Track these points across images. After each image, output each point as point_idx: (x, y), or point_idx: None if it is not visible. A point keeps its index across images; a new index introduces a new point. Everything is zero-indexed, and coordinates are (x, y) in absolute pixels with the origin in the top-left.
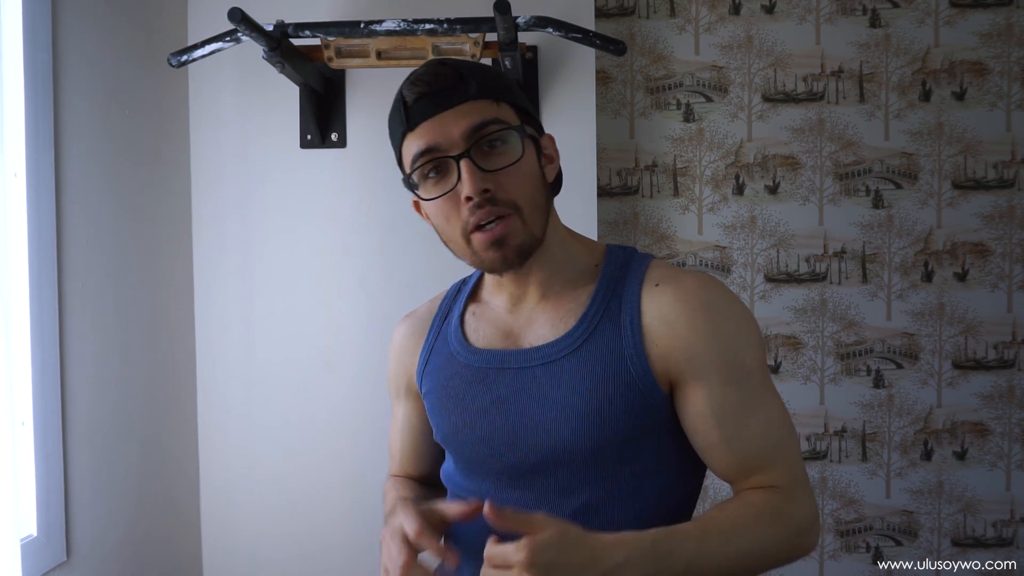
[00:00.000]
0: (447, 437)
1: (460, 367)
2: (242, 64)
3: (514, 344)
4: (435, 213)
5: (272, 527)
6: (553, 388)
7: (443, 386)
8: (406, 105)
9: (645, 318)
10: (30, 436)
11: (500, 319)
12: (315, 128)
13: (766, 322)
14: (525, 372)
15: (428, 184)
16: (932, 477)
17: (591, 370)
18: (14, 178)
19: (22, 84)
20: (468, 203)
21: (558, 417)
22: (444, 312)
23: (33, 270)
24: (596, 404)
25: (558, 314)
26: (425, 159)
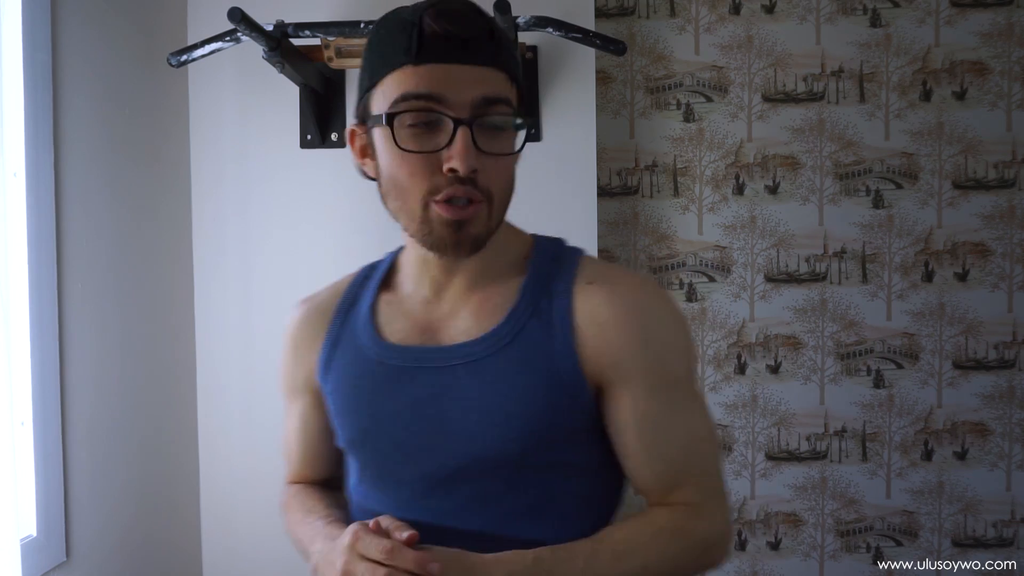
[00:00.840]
0: (353, 442)
1: (371, 364)
2: (242, 64)
3: (432, 340)
4: (399, 165)
5: (272, 527)
6: (476, 389)
7: (351, 385)
8: (421, 32)
9: (577, 317)
10: (30, 436)
11: (417, 311)
12: (315, 128)
13: (766, 322)
14: (445, 371)
15: (408, 132)
16: (932, 477)
17: (518, 370)
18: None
19: (22, 84)
20: (451, 174)
21: (481, 420)
22: (350, 299)
23: (33, 270)
24: (523, 406)
25: (483, 308)
26: (421, 104)
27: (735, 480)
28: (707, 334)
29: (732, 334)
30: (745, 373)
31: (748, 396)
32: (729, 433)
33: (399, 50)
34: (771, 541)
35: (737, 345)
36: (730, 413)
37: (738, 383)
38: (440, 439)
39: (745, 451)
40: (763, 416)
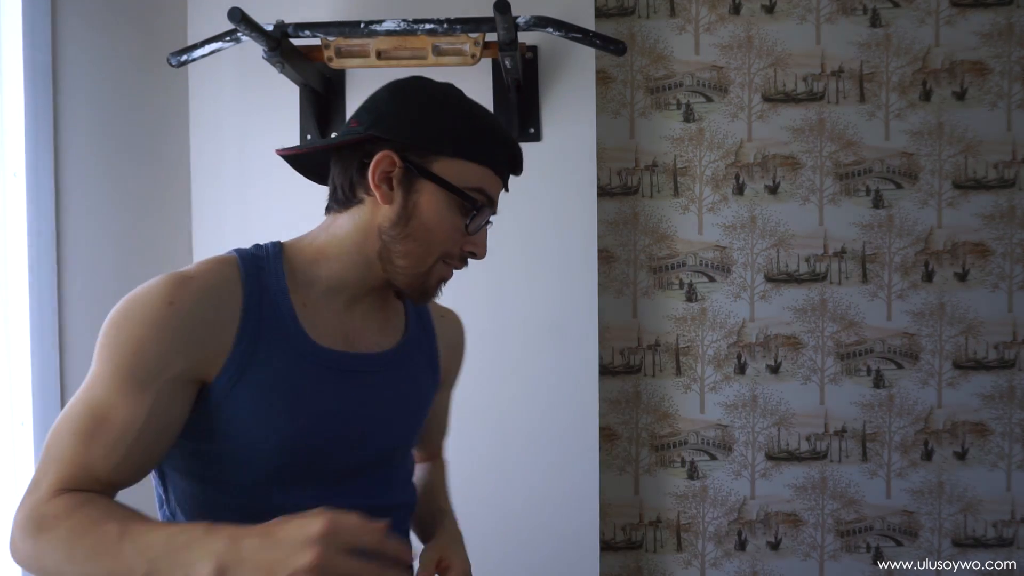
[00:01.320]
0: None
1: (308, 365)
2: (242, 64)
3: (352, 347)
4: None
5: None
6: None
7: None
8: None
9: (439, 340)
10: (30, 436)
11: (335, 319)
12: (315, 128)
13: (766, 322)
14: (371, 376)
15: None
16: (932, 477)
17: (417, 375)
18: (14, 178)
19: (22, 84)
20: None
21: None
22: (255, 293)
23: (33, 270)
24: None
25: (386, 323)
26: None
27: (735, 480)
28: (707, 334)
29: (732, 334)
30: (745, 373)
31: (748, 396)
32: (729, 433)
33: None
34: (771, 541)
35: (737, 345)
36: (730, 413)
37: (738, 383)
38: (370, 432)
39: (745, 451)
40: (763, 416)
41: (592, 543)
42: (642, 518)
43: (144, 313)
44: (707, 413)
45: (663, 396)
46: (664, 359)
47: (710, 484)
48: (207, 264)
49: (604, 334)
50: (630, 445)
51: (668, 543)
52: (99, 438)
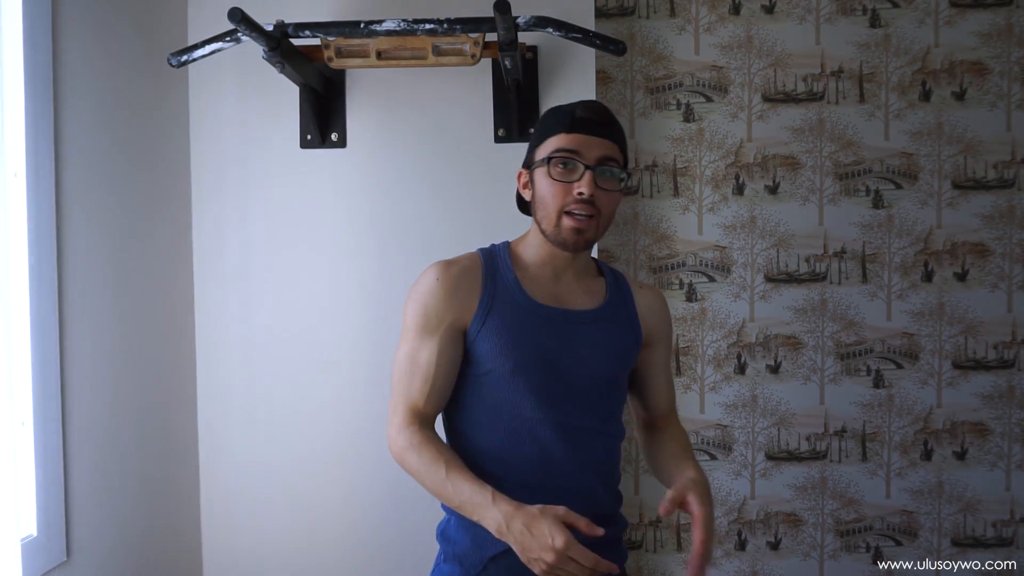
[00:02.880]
0: (518, 367)
1: (528, 314)
2: (242, 64)
3: (564, 305)
4: (548, 187)
5: (272, 526)
6: (596, 336)
7: (517, 325)
8: (574, 116)
9: (638, 306)
10: (30, 436)
11: (548, 286)
12: (315, 128)
13: (766, 322)
14: (581, 325)
15: (557, 169)
16: (932, 477)
17: (616, 328)
18: (14, 178)
19: (22, 84)
20: (579, 195)
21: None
22: (491, 271)
23: (33, 270)
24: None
25: (589, 292)
26: (566, 155)
27: (735, 480)
28: (707, 334)
29: (732, 334)
30: (745, 373)
31: (748, 396)
32: (729, 433)
33: (559, 124)
34: (771, 541)
35: (737, 345)
36: (730, 413)
37: (738, 383)
38: (578, 363)
39: (745, 451)
40: (763, 416)
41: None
42: (642, 518)
43: (424, 287)
44: (707, 413)
45: None
46: None
47: (710, 484)
48: (460, 256)
49: None
50: (630, 445)
51: (668, 543)
52: (416, 374)
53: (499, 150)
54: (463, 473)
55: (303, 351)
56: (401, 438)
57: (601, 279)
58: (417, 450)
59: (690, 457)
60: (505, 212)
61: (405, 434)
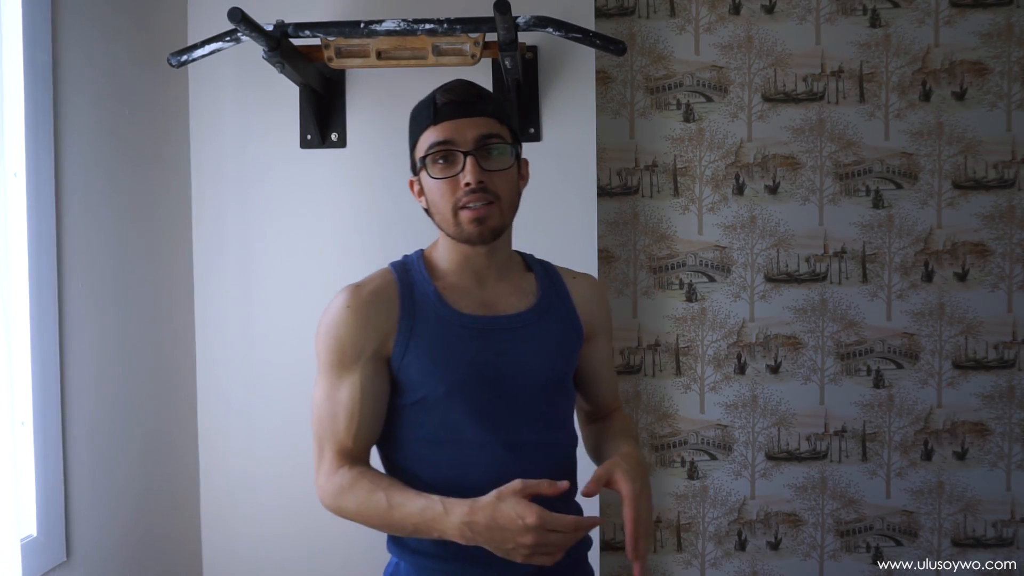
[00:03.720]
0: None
1: (457, 329)
2: (242, 64)
3: (493, 311)
4: (434, 189)
5: (272, 527)
6: (534, 340)
7: (443, 346)
8: (435, 105)
9: (574, 298)
10: (30, 436)
11: (471, 293)
12: (315, 128)
13: (766, 322)
14: (514, 331)
15: (436, 167)
16: (932, 477)
17: (554, 327)
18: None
19: (22, 84)
20: (467, 187)
21: (540, 358)
22: (407, 287)
23: (33, 270)
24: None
25: (518, 292)
26: (440, 148)
27: (735, 480)
28: (707, 334)
29: (732, 334)
30: (745, 373)
31: (748, 396)
32: (729, 433)
33: (425, 119)
34: (771, 541)
35: (737, 345)
36: (730, 413)
37: (738, 383)
38: (519, 374)
39: (745, 451)
40: (763, 416)
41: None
42: None
43: (333, 318)
44: (707, 413)
45: (663, 396)
46: (664, 359)
47: (710, 484)
48: (371, 275)
49: None
50: None
51: (668, 543)
52: (338, 415)
53: None
54: (406, 493)
55: (303, 351)
56: (331, 484)
57: (530, 274)
58: (351, 490)
59: (628, 435)
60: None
61: (335, 479)
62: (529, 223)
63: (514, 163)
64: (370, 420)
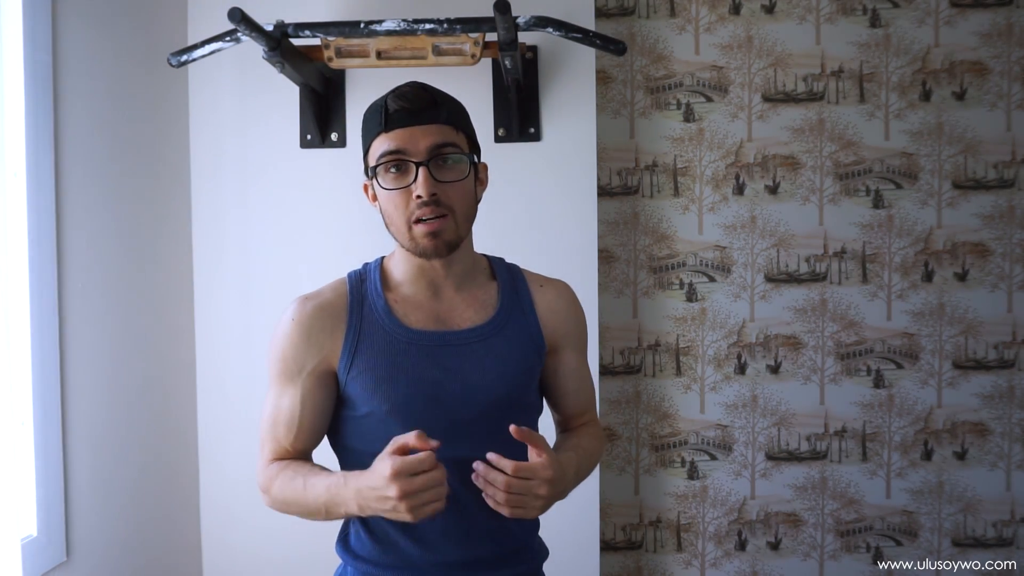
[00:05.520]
0: (396, 407)
1: (403, 345)
2: (242, 64)
3: (445, 326)
4: (387, 200)
5: (272, 526)
6: (487, 357)
7: (389, 362)
8: (387, 111)
9: (538, 308)
10: (30, 436)
11: (425, 306)
12: (315, 128)
13: (766, 322)
14: (463, 346)
15: (388, 176)
16: (932, 477)
17: (511, 342)
18: (14, 178)
19: (22, 84)
20: (418, 200)
21: (493, 376)
22: (357, 300)
23: (33, 270)
24: (516, 365)
25: (476, 304)
26: (392, 157)
27: (735, 480)
28: (707, 334)
29: (732, 334)
30: (745, 373)
31: (748, 396)
32: (729, 433)
33: (376, 124)
34: (771, 541)
35: (737, 345)
36: (730, 413)
37: (738, 383)
38: (468, 394)
39: (745, 451)
40: (763, 416)
41: (592, 543)
42: (642, 518)
43: (280, 330)
44: (707, 413)
45: (663, 396)
46: (664, 359)
47: (710, 484)
48: (325, 287)
49: (604, 334)
50: (630, 445)
51: (668, 543)
52: (280, 422)
53: (499, 150)
54: (319, 475)
55: None
56: (263, 477)
57: (493, 284)
58: (277, 478)
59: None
60: (505, 212)
61: (267, 472)
62: (529, 223)
63: (470, 172)
64: (309, 429)
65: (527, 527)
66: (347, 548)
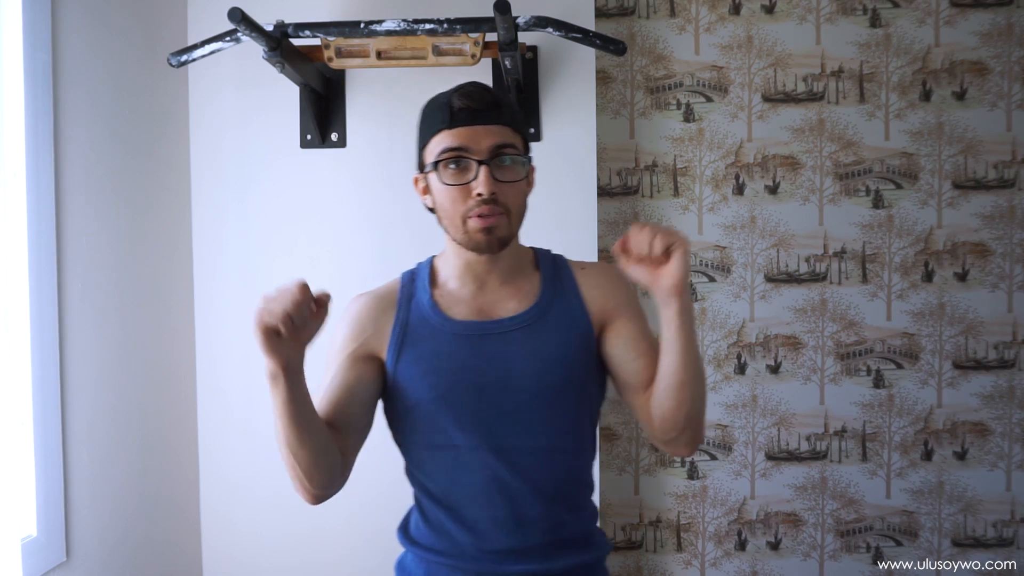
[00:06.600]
0: (441, 396)
1: (446, 336)
2: (242, 64)
3: (487, 317)
4: (444, 194)
5: (272, 526)
6: (529, 345)
7: (433, 352)
8: (452, 109)
9: (582, 289)
10: (30, 436)
11: (469, 300)
12: (315, 128)
13: (766, 322)
14: (505, 335)
15: (448, 172)
16: (932, 477)
17: (553, 330)
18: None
19: (22, 84)
20: (478, 197)
21: (535, 364)
22: (407, 296)
23: (33, 270)
24: (560, 352)
25: (519, 295)
26: (454, 154)
27: (735, 480)
28: (707, 334)
29: (732, 334)
30: (745, 373)
31: (748, 396)
32: (729, 433)
33: (439, 120)
34: (771, 541)
35: (737, 345)
36: (730, 413)
37: (738, 383)
38: (510, 380)
39: (745, 451)
40: (763, 416)
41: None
42: (642, 518)
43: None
44: (707, 413)
45: None
46: None
47: (710, 484)
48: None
49: None
50: (630, 445)
51: (668, 543)
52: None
53: None
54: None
55: None
56: None
57: (537, 274)
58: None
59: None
60: None
61: None
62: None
63: (526, 175)
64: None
65: (582, 518)
66: (407, 535)
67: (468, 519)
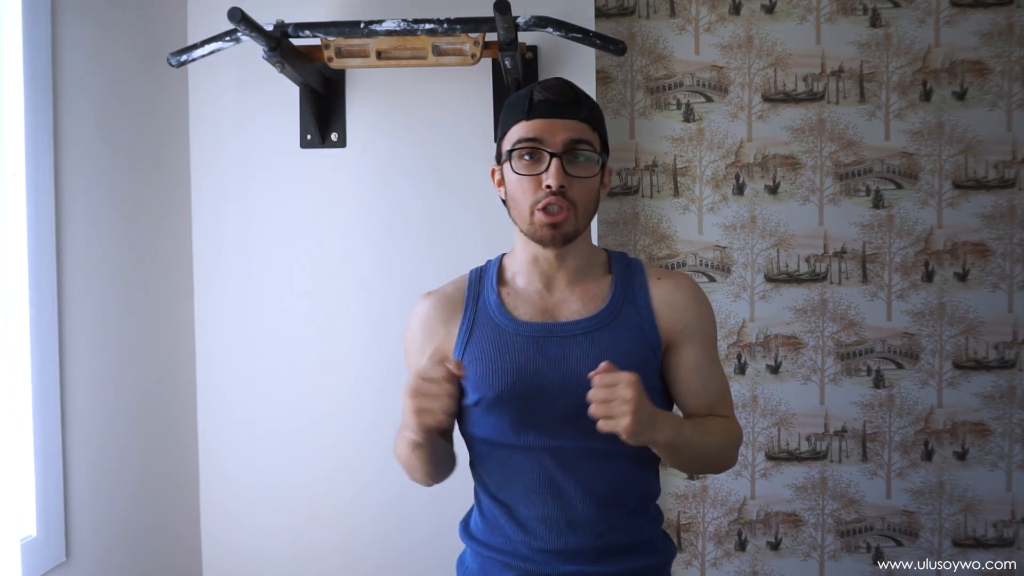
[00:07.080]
0: (501, 395)
1: (511, 336)
2: (242, 64)
3: (552, 318)
4: (515, 184)
5: (272, 526)
6: (593, 349)
7: (496, 352)
8: (531, 100)
9: (654, 302)
10: (30, 436)
11: (535, 300)
12: (315, 128)
13: (766, 322)
14: (569, 339)
15: (521, 162)
16: (933, 477)
17: (620, 337)
18: (14, 178)
19: (22, 84)
20: (547, 189)
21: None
22: (474, 294)
23: (33, 270)
24: (623, 360)
25: (587, 297)
26: (528, 145)
27: (735, 480)
28: None
29: (732, 334)
30: (745, 373)
31: (748, 396)
32: None
33: (519, 111)
34: (771, 541)
35: (737, 345)
36: None
37: (738, 383)
38: (570, 384)
39: (745, 451)
40: (763, 416)
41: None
42: None
43: (407, 325)
44: None
45: None
46: None
47: (710, 484)
48: (448, 283)
49: None
50: None
51: None
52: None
53: None
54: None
55: (303, 351)
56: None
57: (608, 277)
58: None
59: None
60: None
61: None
62: None
63: (599, 172)
64: None
65: (639, 524)
66: (467, 530)
67: (521, 517)
